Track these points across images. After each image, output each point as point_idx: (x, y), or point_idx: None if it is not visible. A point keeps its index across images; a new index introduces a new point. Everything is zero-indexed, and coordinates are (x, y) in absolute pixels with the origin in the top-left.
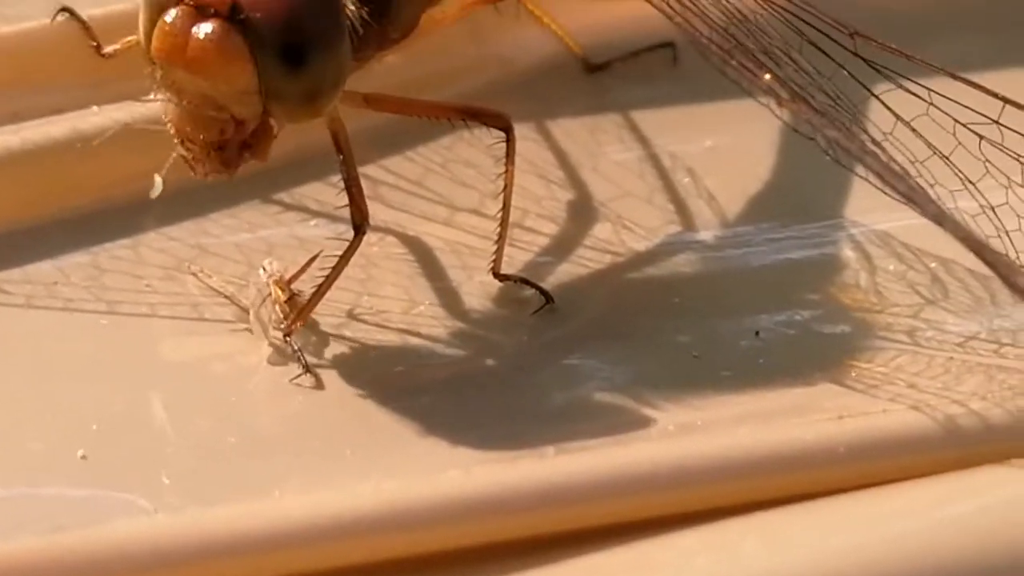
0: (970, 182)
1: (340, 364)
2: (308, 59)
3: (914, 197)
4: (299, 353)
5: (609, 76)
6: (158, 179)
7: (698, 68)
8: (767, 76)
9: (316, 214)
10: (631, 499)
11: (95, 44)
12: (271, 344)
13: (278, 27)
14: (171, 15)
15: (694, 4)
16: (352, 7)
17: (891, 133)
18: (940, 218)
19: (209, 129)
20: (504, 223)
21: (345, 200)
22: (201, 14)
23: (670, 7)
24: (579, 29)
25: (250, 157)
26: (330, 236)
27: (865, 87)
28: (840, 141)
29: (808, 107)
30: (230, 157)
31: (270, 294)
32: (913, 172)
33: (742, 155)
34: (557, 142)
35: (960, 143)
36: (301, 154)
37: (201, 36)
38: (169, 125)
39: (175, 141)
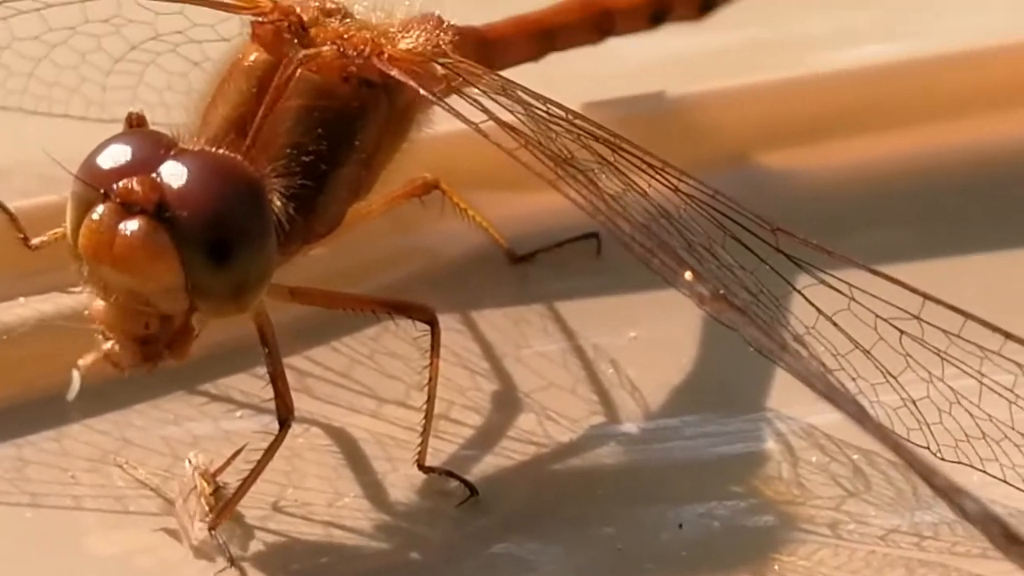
0: (892, 376)
1: (266, 557)
2: (234, 256)
3: (834, 395)
4: (225, 546)
5: (533, 267)
6: (76, 377)
7: (622, 259)
8: (688, 274)
9: (242, 405)
10: None
11: (22, 236)
12: (197, 537)
13: (204, 224)
14: (98, 212)
15: (616, 202)
16: (278, 203)
17: (813, 327)
18: (860, 417)
19: (134, 324)
20: (429, 415)
21: (271, 392)
22: (127, 211)
23: (593, 205)
24: (503, 220)
25: (169, 356)
26: (256, 429)
27: (787, 281)
28: (761, 340)
29: (729, 306)
30: (152, 352)
31: (195, 487)
32: (835, 365)
33: (665, 346)
34: (482, 333)
35: (881, 337)
36: (226, 345)
37: (127, 234)
38: (93, 318)
39: (98, 335)
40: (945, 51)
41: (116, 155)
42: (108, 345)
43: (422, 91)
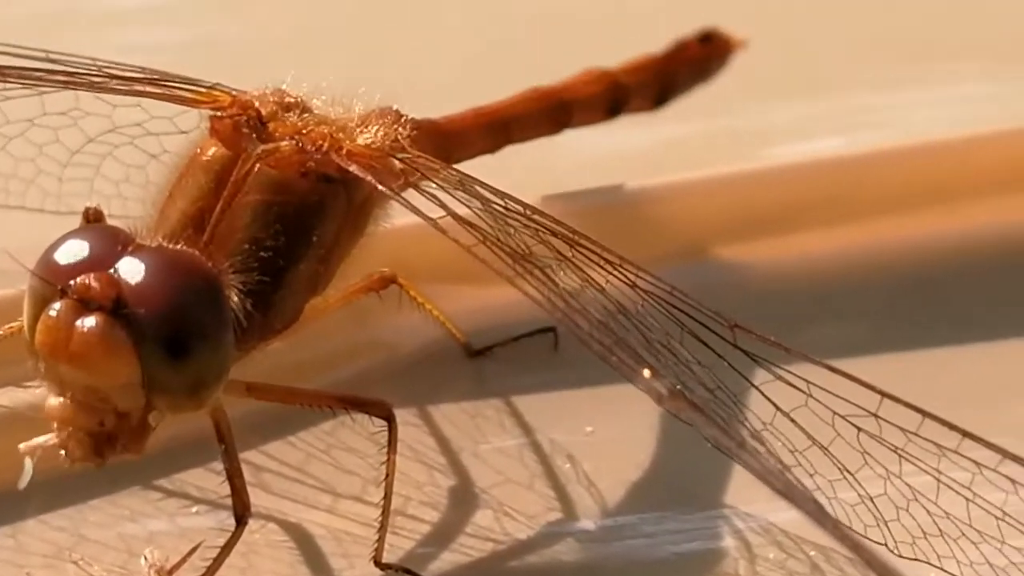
0: (849, 472)
1: None
2: (192, 352)
3: (792, 493)
4: None
5: (490, 361)
6: (28, 465)
7: (579, 353)
8: (646, 372)
9: (198, 501)
10: None
11: None
12: None
13: (162, 321)
14: (55, 309)
15: (574, 299)
16: (236, 299)
17: (771, 423)
18: (818, 514)
19: (90, 420)
20: (386, 511)
21: (228, 488)
22: (85, 308)
23: (551, 302)
24: (460, 314)
25: (123, 451)
26: (212, 525)
27: (745, 378)
28: (719, 438)
29: (687, 403)
30: (107, 448)
31: None
32: (793, 462)
33: (623, 441)
34: (439, 427)
35: (839, 434)
36: (183, 440)
37: (84, 330)
38: (49, 415)
39: (53, 429)
40: (898, 145)
41: (73, 251)
42: (62, 438)
43: (380, 187)
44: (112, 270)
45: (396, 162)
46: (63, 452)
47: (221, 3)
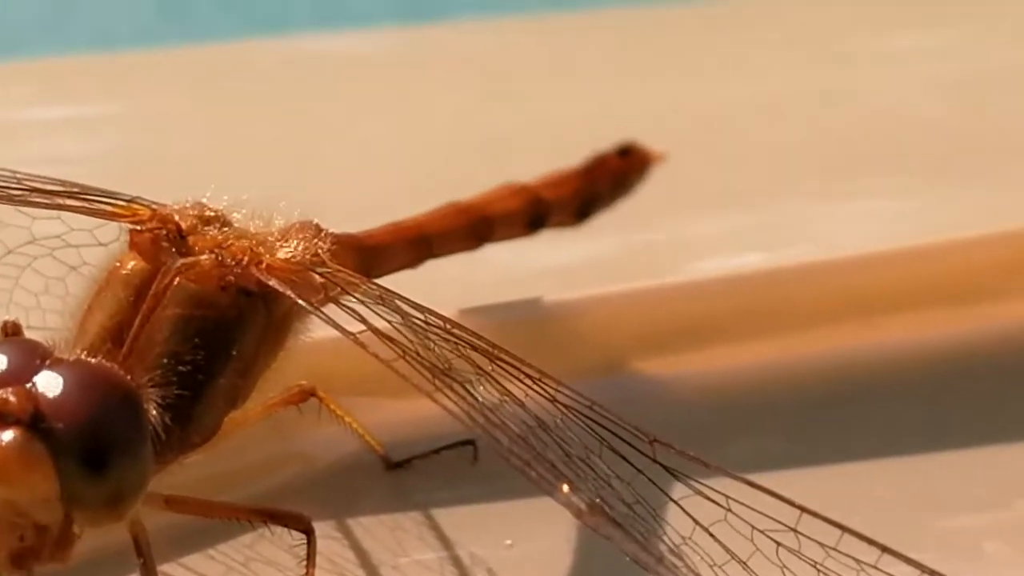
0: None
1: None
2: (110, 466)
3: None
4: None
5: (410, 473)
6: None
7: (498, 466)
8: (565, 487)
9: None
10: None
11: None
12: None
13: (80, 435)
14: None
15: (494, 413)
16: (155, 412)
17: (690, 537)
18: None
19: (8, 536)
20: None
21: None
22: (2, 422)
23: (470, 417)
24: (380, 427)
25: (49, 560)
26: None
27: (664, 492)
28: (638, 553)
29: (606, 519)
30: (31, 559)
31: None
32: None
33: (543, 555)
34: (358, 540)
35: (758, 548)
36: (102, 552)
37: (2, 444)
38: None
39: None
40: (817, 260)
41: None
42: None
43: (300, 301)
44: (30, 384)
45: (316, 276)
46: None
47: (142, 116)
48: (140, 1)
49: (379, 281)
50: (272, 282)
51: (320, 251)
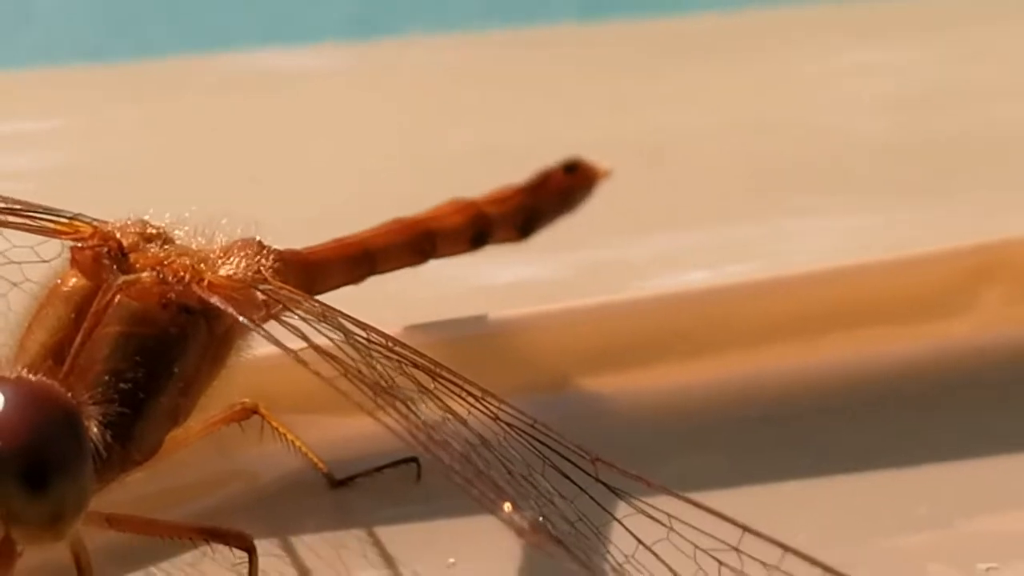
0: None
1: None
2: (50, 485)
3: None
4: None
5: (352, 491)
6: None
7: (441, 484)
8: (507, 505)
9: None
10: None
11: None
12: None
13: (19, 452)
14: None
15: (436, 431)
16: (95, 430)
17: (632, 556)
18: None
19: None
20: None
21: None
22: None
23: (412, 435)
24: (322, 444)
25: None
26: None
27: (607, 511)
28: (579, 572)
29: (548, 537)
30: None
31: None
32: None
33: (485, 573)
34: (301, 558)
35: (700, 567)
36: (43, 571)
37: None
38: None
39: None
40: (761, 278)
41: None
42: None
43: (241, 318)
44: None
45: (258, 293)
46: None
47: (85, 131)
48: (85, 15)
49: (322, 298)
50: (213, 299)
51: (262, 268)
